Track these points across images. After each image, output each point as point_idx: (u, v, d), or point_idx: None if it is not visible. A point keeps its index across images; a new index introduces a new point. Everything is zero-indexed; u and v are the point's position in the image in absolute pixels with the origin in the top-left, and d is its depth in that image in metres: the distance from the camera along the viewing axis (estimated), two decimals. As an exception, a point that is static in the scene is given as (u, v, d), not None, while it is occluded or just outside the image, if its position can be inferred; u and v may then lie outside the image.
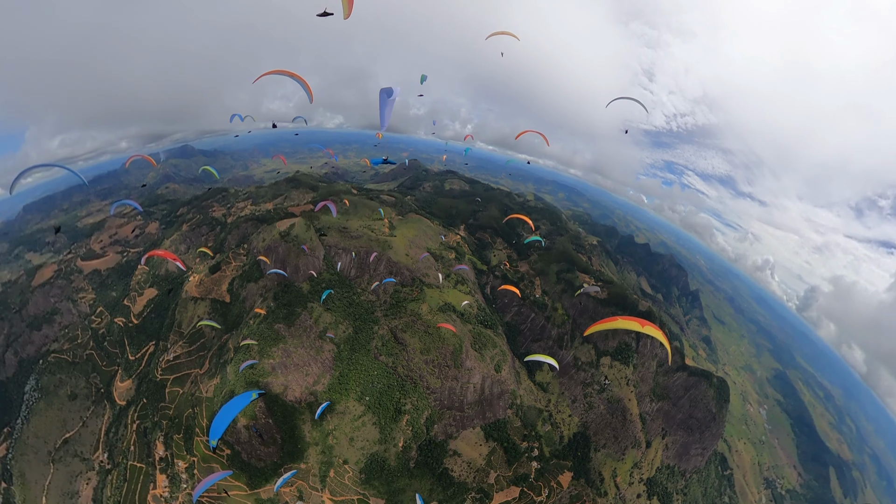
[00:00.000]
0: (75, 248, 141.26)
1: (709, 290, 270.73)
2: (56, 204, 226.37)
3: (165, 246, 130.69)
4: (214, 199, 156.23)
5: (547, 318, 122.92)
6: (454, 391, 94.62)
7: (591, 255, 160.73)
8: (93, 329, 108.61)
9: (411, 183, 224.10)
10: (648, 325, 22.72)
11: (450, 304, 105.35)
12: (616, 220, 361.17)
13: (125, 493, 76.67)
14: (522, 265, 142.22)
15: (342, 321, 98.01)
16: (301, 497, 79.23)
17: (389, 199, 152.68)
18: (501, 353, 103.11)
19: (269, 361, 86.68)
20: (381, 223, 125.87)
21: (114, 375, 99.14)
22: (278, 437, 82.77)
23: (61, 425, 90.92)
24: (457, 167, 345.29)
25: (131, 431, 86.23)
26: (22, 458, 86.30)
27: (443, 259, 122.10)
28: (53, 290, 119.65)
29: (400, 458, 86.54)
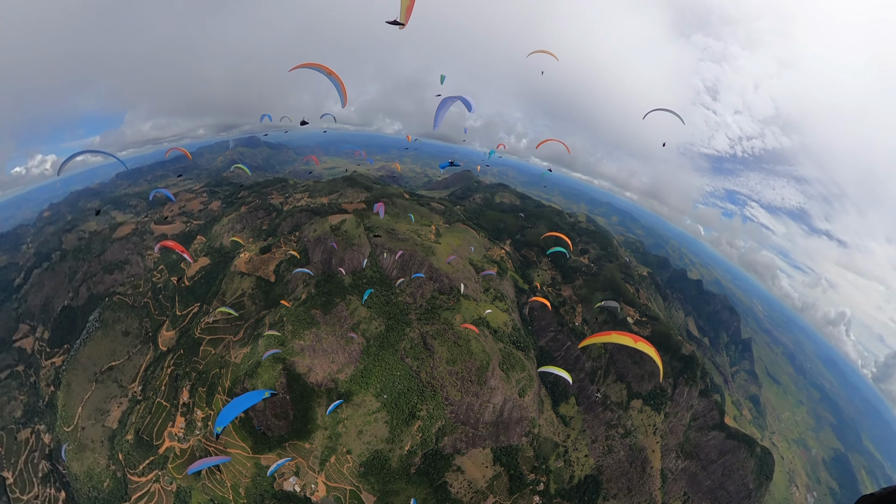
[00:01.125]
0: (151, 213, 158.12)
1: (764, 340, 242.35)
2: (142, 175, 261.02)
3: (223, 223, 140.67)
4: (274, 187, 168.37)
5: (583, 350, 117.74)
6: (472, 407, 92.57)
7: (640, 287, 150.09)
8: (152, 282, 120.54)
9: (462, 193, 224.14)
10: (641, 342, 23.63)
11: (484, 319, 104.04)
12: (670, 250, 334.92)
13: (147, 423, 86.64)
14: (566, 289, 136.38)
15: (376, 318, 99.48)
16: (297, 473, 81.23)
17: (439, 206, 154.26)
18: (529, 378, 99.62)
19: (299, 342, 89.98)
20: (427, 229, 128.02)
21: (161, 324, 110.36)
22: (291, 414, 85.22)
23: (110, 354, 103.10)
24: (509, 181, 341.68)
25: (165, 374, 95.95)
26: (72, 372, 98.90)
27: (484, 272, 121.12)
28: (128, 244, 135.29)
29: (402, 461, 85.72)
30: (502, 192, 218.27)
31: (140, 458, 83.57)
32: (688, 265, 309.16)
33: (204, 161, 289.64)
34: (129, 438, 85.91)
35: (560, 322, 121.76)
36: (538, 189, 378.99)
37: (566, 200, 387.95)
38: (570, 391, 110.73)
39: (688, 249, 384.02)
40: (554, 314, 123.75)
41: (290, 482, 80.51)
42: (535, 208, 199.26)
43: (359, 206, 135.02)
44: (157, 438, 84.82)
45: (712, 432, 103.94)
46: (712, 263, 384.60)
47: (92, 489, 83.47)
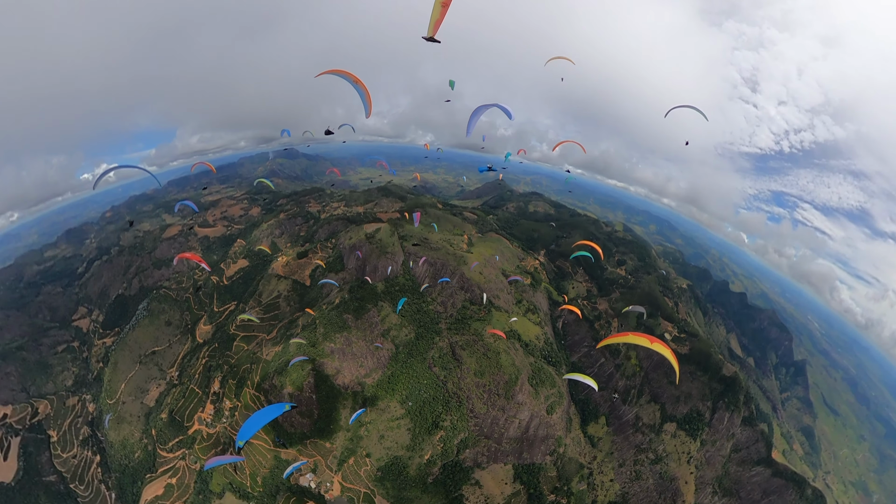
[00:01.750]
0: (195, 217, 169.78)
1: (821, 363, 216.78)
2: (190, 183, 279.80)
3: (262, 228, 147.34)
4: (312, 196, 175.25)
5: (617, 367, 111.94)
6: (497, 421, 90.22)
7: (679, 301, 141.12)
8: (194, 280, 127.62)
9: (495, 202, 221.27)
10: (657, 343, 23.21)
11: (515, 332, 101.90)
12: (710, 261, 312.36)
13: (180, 406, 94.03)
14: (601, 302, 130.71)
15: (407, 325, 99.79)
16: (315, 471, 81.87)
17: (471, 216, 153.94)
18: (558, 395, 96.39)
19: (329, 345, 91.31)
20: (460, 238, 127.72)
21: (200, 318, 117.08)
22: (315, 413, 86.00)
23: (154, 340, 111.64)
24: (543, 189, 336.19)
25: (200, 363, 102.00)
26: (120, 352, 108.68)
27: (517, 283, 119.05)
28: (174, 243, 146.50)
29: (421, 469, 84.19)
30: (536, 201, 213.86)
31: (171, 436, 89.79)
32: (730, 276, 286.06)
33: (245, 171, 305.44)
34: (163, 417, 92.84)
35: (594, 337, 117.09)
36: (573, 197, 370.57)
37: (602, 209, 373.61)
38: (600, 410, 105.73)
39: (730, 259, 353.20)
40: (588, 328, 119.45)
41: (307, 478, 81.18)
42: (570, 217, 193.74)
43: (393, 216, 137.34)
44: (187, 420, 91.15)
45: (756, 467, 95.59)
46: (758, 274, 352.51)
47: (124, 457, 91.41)
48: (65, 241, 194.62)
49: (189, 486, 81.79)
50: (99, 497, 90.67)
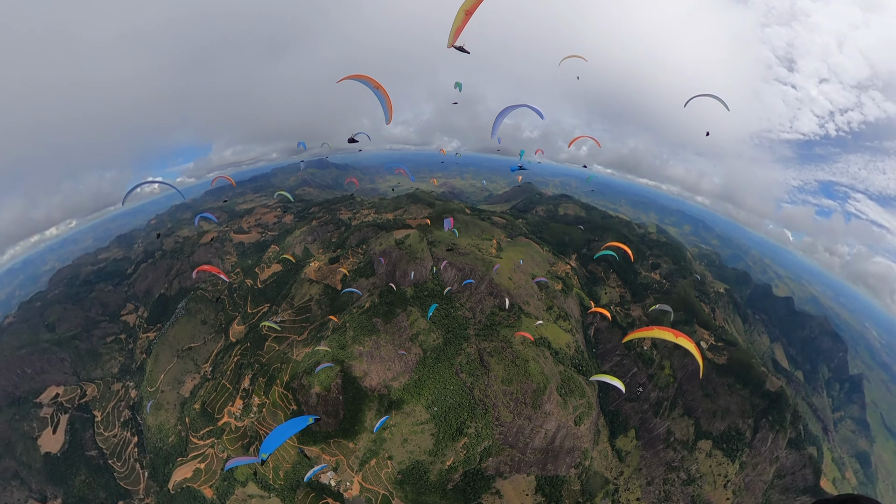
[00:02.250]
0: (231, 224, 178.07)
1: (880, 378, 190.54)
2: (225, 192, 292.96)
3: (295, 235, 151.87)
4: (343, 203, 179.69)
5: (650, 377, 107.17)
6: (523, 431, 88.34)
7: (716, 307, 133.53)
8: (229, 282, 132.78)
9: (524, 206, 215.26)
10: (681, 337, 22.21)
11: (545, 339, 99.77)
12: (750, 262, 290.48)
13: (212, 398, 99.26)
14: (635, 309, 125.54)
15: (435, 330, 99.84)
16: (336, 469, 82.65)
17: (500, 220, 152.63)
18: (587, 406, 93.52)
19: (358, 348, 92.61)
20: (489, 243, 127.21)
21: (234, 318, 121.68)
22: (341, 413, 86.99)
23: (191, 337, 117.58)
24: (572, 191, 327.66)
25: (232, 360, 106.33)
26: (161, 346, 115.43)
27: (548, 289, 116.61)
28: (211, 248, 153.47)
29: (442, 475, 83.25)
30: (566, 204, 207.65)
31: (202, 425, 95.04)
32: (773, 279, 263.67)
33: (277, 180, 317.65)
34: (196, 407, 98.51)
35: (627, 346, 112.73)
36: (603, 199, 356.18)
37: (634, 210, 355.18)
38: (630, 422, 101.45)
39: (773, 260, 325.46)
40: (621, 336, 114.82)
41: (328, 476, 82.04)
42: (602, 220, 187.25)
43: (422, 222, 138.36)
44: (217, 412, 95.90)
45: (802, 497, 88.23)
46: (806, 276, 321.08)
47: (159, 441, 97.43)
48: (116, 246, 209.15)
49: (216, 472, 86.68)
50: (133, 474, 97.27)
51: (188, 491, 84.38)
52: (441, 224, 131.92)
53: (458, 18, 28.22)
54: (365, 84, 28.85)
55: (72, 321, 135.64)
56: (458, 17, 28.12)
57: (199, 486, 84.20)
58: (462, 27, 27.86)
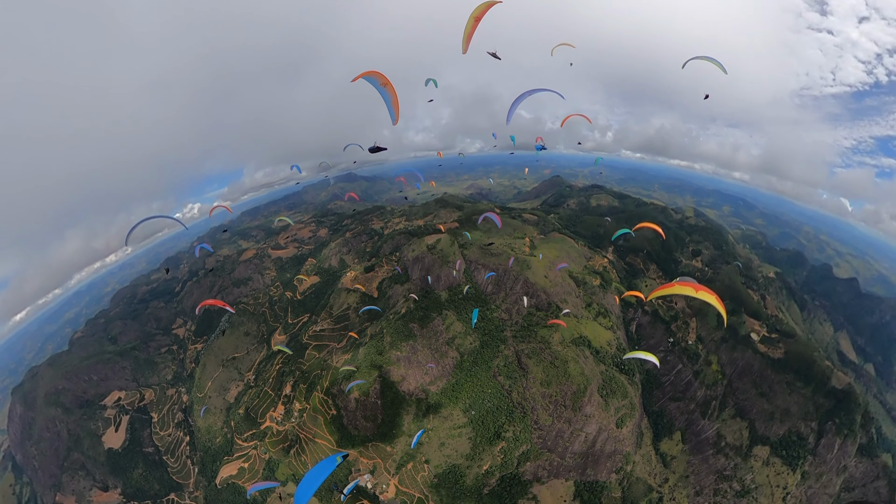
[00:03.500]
0: (268, 241, 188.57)
1: None
2: (260, 212, 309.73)
3: (331, 247, 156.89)
4: (374, 214, 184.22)
5: (696, 374, 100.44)
6: (562, 434, 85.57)
7: (766, 293, 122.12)
8: (269, 295, 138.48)
9: (554, 200, 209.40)
10: (703, 290, 21.47)
11: (585, 338, 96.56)
12: (803, 240, 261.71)
13: (255, 404, 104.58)
14: (677, 301, 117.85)
15: (471, 333, 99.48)
16: (373, 472, 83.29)
17: (531, 217, 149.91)
18: (630, 407, 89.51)
19: (395, 353, 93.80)
20: (521, 242, 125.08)
21: (275, 329, 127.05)
22: (379, 417, 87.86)
23: (234, 347, 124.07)
24: (603, 181, 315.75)
25: (274, 369, 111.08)
26: (207, 356, 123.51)
27: (585, 285, 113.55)
28: (251, 265, 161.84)
29: (478, 480, 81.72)
30: (598, 195, 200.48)
31: (246, 428, 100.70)
32: (833, 258, 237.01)
33: (309, 197, 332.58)
34: (241, 412, 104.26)
35: (673, 342, 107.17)
36: (636, 186, 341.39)
37: (669, 194, 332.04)
38: (675, 424, 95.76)
39: (830, 236, 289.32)
40: (664, 330, 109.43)
41: (365, 478, 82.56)
42: (636, 208, 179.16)
43: (452, 226, 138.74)
44: (260, 417, 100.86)
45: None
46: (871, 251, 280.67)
47: (208, 441, 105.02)
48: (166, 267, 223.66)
49: (258, 471, 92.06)
50: (185, 469, 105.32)
51: (233, 486, 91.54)
52: (473, 225, 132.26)
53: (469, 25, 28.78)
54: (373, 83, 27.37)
55: (131, 334, 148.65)
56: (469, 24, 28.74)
57: (243, 482, 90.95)
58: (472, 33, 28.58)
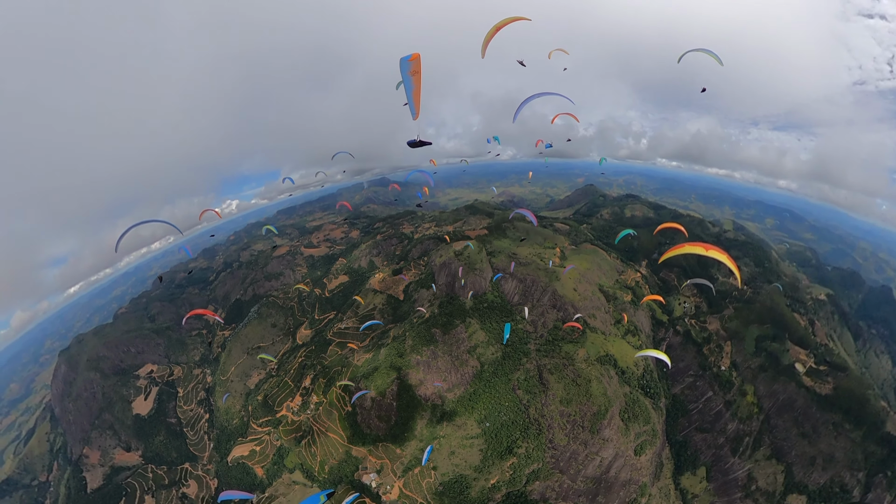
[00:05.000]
0: (301, 239, 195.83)
1: None
2: (295, 212, 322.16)
3: (361, 248, 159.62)
4: (405, 218, 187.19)
5: (727, 404, 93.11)
6: (577, 456, 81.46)
7: (815, 318, 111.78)
8: (299, 291, 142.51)
9: (587, 210, 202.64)
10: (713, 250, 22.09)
11: (611, 357, 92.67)
12: (860, 258, 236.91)
13: (273, 393, 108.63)
14: (712, 321, 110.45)
15: (494, 344, 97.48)
16: (379, 472, 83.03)
17: (563, 227, 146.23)
18: (651, 434, 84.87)
19: (416, 357, 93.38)
20: (552, 252, 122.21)
21: (301, 324, 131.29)
22: (393, 418, 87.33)
23: (260, 337, 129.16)
24: (638, 190, 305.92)
25: (296, 361, 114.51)
26: (234, 343, 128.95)
27: (616, 300, 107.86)
28: (283, 261, 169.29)
29: (483, 493, 78.85)
30: (633, 205, 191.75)
31: (262, 414, 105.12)
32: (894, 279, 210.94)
33: (344, 199, 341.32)
34: (259, 398, 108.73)
35: (702, 364, 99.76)
36: (673, 196, 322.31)
37: (706, 206, 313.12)
38: (700, 458, 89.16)
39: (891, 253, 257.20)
40: (695, 353, 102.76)
41: (370, 477, 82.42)
42: (672, 220, 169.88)
43: (481, 233, 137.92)
44: (277, 406, 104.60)
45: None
46: None
47: (226, 421, 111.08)
48: (202, 257, 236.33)
49: (269, 455, 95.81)
50: (201, 443, 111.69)
51: (242, 466, 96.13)
52: (502, 233, 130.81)
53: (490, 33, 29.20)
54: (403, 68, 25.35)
55: (167, 315, 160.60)
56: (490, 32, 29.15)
57: (253, 464, 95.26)
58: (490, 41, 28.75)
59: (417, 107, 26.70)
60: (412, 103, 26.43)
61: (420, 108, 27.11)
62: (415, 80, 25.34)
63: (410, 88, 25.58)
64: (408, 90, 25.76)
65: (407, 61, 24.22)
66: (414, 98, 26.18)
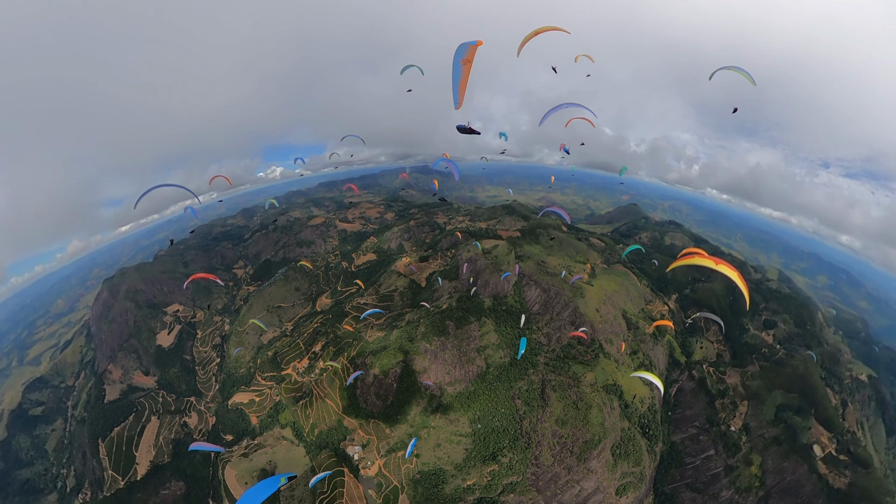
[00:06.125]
0: (338, 213, 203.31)
1: None
2: (336, 186, 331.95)
3: (393, 231, 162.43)
4: (440, 208, 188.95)
5: (728, 469, 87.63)
6: (557, 480, 78.98)
7: (850, 399, 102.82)
8: (327, 261, 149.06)
9: (627, 230, 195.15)
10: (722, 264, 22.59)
11: (619, 387, 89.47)
12: None
13: (283, 352, 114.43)
14: (732, 374, 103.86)
15: (504, 347, 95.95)
16: (364, 447, 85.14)
17: (599, 243, 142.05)
18: (638, 477, 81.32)
19: (425, 344, 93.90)
20: (581, 267, 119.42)
21: (323, 292, 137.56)
22: (390, 398, 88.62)
23: (282, 298, 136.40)
24: (682, 218, 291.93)
25: (311, 326, 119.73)
26: (256, 299, 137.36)
27: (637, 329, 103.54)
28: (317, 230, 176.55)
29: (457, 492, 78.09)
30: (674, 233, 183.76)
31: (269, 369, 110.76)
32: None
33: (384, 181, 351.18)
34: (269, 354, 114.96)
35: (711, 419, 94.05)
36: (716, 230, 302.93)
37: (751, 248, 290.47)
38: None
39: None
40: (706, 404, 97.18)
41: (355, 449, 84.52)
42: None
43: (513, 235, 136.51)
44: (284, 364, 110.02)
45: None
46: None
47: (234, 368, 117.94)
48: (241, 216, 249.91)
49: (266, 407, 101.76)
50: (209, 383, 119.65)
51: (240, 412, 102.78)
52: (534, 238, 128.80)
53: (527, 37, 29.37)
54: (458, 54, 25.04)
55: (200, 263, 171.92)
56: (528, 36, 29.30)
57: (250, 412, 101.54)
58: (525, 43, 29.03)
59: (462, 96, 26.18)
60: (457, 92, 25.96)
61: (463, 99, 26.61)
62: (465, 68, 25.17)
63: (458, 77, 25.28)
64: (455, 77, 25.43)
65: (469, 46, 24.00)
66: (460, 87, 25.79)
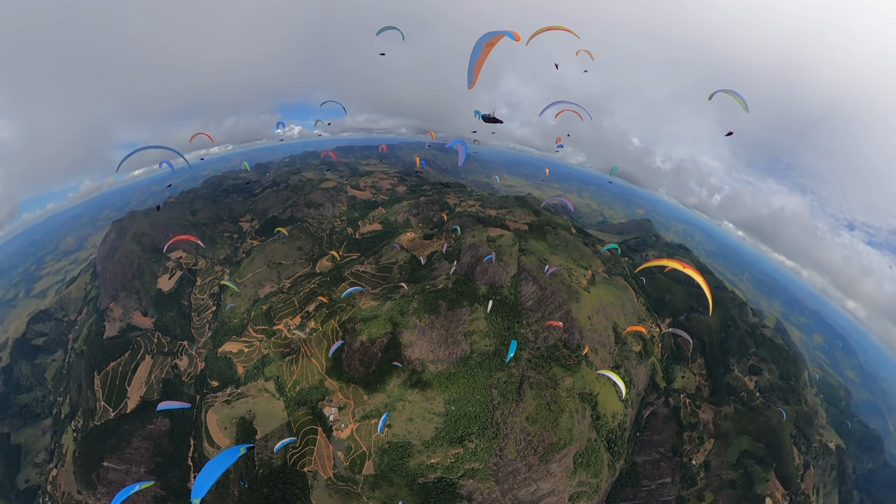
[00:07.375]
0: (350, 179, 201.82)
1: None
2: (353, 152, 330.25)
3: (402, 204, 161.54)
4: (454, 189, 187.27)
5: (679, 500, 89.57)
6: (516, 475, 79.99)
7: (813, 463, 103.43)
8: (332, 225, 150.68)
9: (636, 244, 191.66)
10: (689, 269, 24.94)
11: (594, 396, 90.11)
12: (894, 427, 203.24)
13: (278, 307, 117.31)
14: (706, 411, 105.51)
15: (491, 336, 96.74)
16: (341, 409, 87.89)
17: (605, 254, 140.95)
18: (594, 489, 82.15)
19: (414, 320, 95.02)
20: (582, 272, 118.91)
21: (324, 255, 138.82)
22: (373, 367, 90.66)
23: (284, 255, 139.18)
24: (693, 245, 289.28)
25: (308, 286, 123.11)
26: (258, 253, 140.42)
27: (624, 346, 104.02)
28: (327, 194, 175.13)
29: (420, 468, 79.92)
30: (682, 257, 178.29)
31: (261, 322, 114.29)
32: None
33: (402, 153, 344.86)
34: (264, 308, 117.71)
35: (675, 448, 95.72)
36: (724, 265, 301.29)
37: (755, 290, 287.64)
38: None
39: None
40: (674, 433, 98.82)
41: (332, 410, 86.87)
42: (713, 290, 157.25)
43: (521, 227, 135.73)
44: (277, 319, 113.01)
45: None
46: None
47: (228, 318, 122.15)
48: (254, 170, 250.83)
49: (253, 359, 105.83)
50: (202, 329, 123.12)
51: (228, 360, 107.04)
52: (541, 235, 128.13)
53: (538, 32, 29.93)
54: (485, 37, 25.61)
55: (207, 213, 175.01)
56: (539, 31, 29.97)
57: (237, 361, 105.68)
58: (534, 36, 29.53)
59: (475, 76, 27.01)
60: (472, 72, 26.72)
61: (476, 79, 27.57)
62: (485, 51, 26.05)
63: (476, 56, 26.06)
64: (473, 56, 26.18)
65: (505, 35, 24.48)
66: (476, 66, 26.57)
